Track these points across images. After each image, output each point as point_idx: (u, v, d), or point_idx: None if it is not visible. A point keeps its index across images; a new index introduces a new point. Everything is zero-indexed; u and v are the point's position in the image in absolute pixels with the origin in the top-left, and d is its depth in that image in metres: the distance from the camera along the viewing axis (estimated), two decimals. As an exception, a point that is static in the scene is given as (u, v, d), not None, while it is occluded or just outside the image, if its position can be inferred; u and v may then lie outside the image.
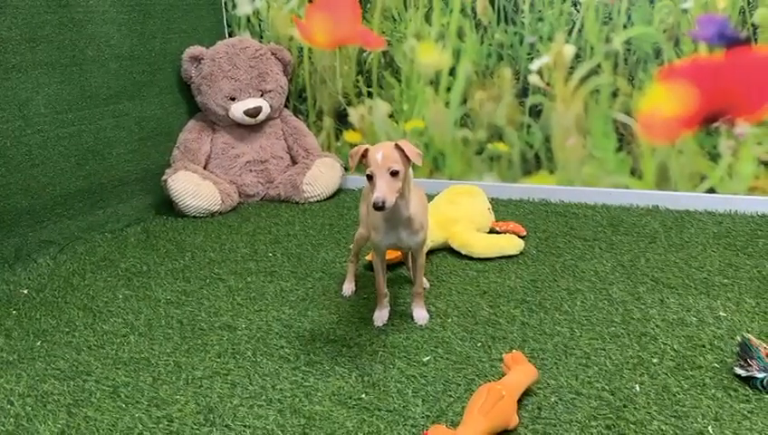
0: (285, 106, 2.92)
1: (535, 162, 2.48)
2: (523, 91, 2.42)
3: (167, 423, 1.22)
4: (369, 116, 2.76)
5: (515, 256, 1.91)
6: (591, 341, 1.41)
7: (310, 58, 2.83)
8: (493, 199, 2.48)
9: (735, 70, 2.06)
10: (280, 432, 1.17)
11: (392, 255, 1.83)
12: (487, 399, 1.12)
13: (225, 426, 1.20)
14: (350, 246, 2.08)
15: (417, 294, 1.55)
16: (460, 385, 1.28)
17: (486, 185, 2.49)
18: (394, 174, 1.27)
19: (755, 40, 2.06)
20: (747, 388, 1.22)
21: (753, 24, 2.07)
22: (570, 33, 2.31)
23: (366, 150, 1.32)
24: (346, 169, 2.83)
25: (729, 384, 1.23)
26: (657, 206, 2.28)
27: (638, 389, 1.24)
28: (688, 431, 1.11)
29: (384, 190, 1.24)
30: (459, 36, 2.49)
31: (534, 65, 2.39)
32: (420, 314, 1.54)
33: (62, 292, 1.84)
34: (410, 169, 1.37)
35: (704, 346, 1.36)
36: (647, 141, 2.30)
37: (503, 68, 2.44)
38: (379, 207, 1.23)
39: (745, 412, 1.16)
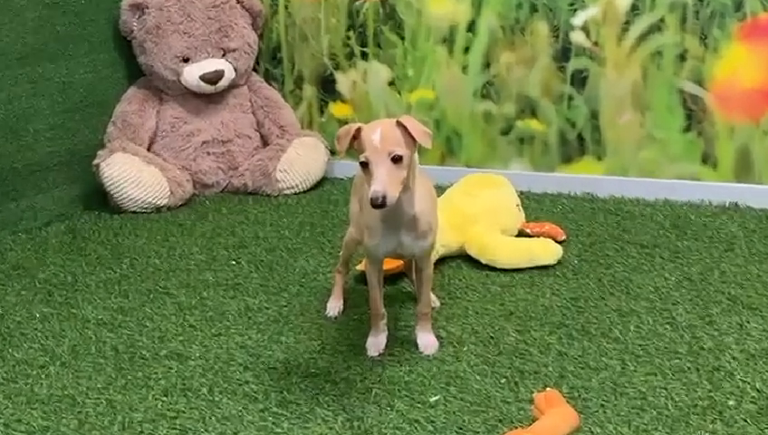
0: (254, 70, 2.92)
1: (578, 145, 2.48)
2: (564, 53, 2.42)
3: (96, 480, 1.22)
4: (362, 84, 2.76)
5: (551, 266, 1.90)
6: (648, 377, 1.41)
7: (287, 8, 2.83)
8: (522, 193, 2.47)
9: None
10: (243, 493, 1.17)
11: (392, 264, 1.83)
12: (513, 451, 1.11)
13: (173, 484, 1.20)
14: (338, 253, 2.08)
15: (422, 316, 1.55)
16: (478, 433, 1.28)
17: (515, 174, 2.49)
18: (396, 160, 1.27)
19: None
20: None
21: None
22: (624, -23, 2.31)
23: (358, 130, 1.32)
24: (333, 152, 2.82)
25: (827, 434, 1.23)
26: (737, 203, 2.29)
27: (708, 439, 1.24)
28: (773, 495, 1.11)
29: (384, 182, 1.24)
30: (481, -19, 2.49)
31: (578, 19, 2.39)
32: (427, 341, 1.54)
33: (-39, 309, 1.84)
34: (416, 154, 1.37)
35: (794, 385, 1.36)
36: (723, 119, 2.30)
37: (537, 22, 2.44)
38: (378, 204, 1.23)
39: None
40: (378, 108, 2.75)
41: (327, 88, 2.84)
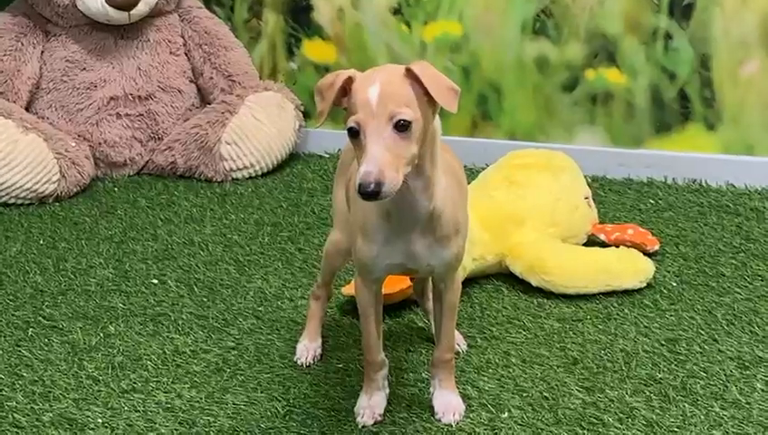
0: (189, -11, 2.91)
1: (680, 108, 2.47)
2: (658, -32, 2.43)
3: None
4: (353, 11, 2.75)
5: (637, 291, 1.90)
6: (784, 460, 1.41)
7: None
8: (595, 180, 2.47)
9: None
10: None
11: (395, 286, 1.83)
12: None
13: None
14: (315, 269, 2.07)
15: (442, 365, 1.55)
16: None
17: (583, 151, 2.49)
18: (402, 128, 1.27)
19: None
20: None
21: None
22: None
23: (349, 81, 1.32)
24: (308, 115, 2.82)
25: None
26: None
27: None
28: None
29: (380, 160, 1.24)
30: None
31: None
32: (448, 403, 1.54)
33: None
34: (437, 121, 1.37)
35: None
36: None
37: None
38: (368, 192, 1.22)
39: None
40: (375, 48, 2.74)
41: (299, 18, 2.83)
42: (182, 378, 1.68)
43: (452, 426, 1.51)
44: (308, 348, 1.73)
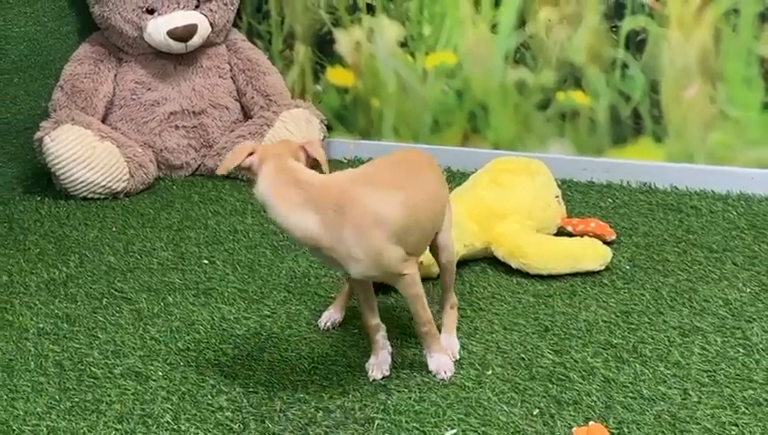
0: (234, 25, 2.91)
1: (633, 124, 2.47)
2: (617, 10, 2.41)
3: None
4: (368, 44, 2.75)
5: (597, 272, 1.90)
6: (716, 411, 1.41)
7: (275, -51, 2.83)
8: (563, 182, 2.47)
9: None
10: None
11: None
12: (547, 498, 1.11)
13: None
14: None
15: (422, 335, 1.54)
16: (504, 476, 1.28)
17: (554, 158, 2.49)
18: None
19: None
20: None
21: None
22: None
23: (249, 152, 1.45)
24: (330, 127, 2.82)
25: None
26: (828, 198, 2.28)
27: (788, 489, 1.23)
28: None
29: None
30: None
31: (636, -32, 2.38)
32: (440, 362, 1.54)
33: None
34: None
35: None
36: (813, 94, 2.29)
37: (585, -29, 2.44)
38: None
39: None
40: (385, 74, 2.74)
41: (324, 49, 2.83)
42: (227, 340, 1.69)
43: (445, 380, 1.52)
44: (329, 316, 1.74)
